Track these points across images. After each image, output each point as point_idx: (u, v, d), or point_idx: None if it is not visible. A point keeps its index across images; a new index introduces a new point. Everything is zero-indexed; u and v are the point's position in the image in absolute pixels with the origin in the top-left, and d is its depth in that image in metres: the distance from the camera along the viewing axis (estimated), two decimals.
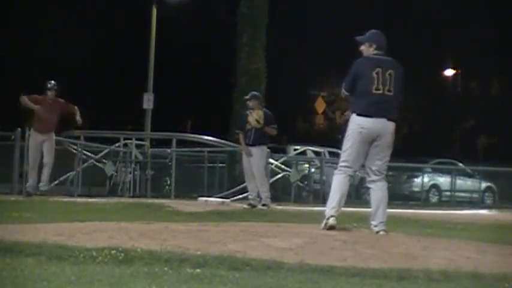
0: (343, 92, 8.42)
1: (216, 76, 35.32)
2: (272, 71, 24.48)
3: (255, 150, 14.95)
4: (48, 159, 16.12)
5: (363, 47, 8.40)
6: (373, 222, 8.15)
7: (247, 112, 15.11)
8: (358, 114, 8.11)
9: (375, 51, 8.30)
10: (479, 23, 41.34)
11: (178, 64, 39.10)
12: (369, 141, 8.11)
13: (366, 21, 43.61)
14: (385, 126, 8.08)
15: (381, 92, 8.06)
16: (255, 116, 14.78)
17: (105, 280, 4.96)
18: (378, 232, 8.02)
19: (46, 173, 16.16)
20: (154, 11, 29.37)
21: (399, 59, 8.47)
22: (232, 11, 25.47)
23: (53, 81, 16.21)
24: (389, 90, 8.08)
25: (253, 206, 14.88)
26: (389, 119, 8.10)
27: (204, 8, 40.75)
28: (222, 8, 37.58)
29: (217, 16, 38.48)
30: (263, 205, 14.92)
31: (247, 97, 15.16)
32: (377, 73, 8.09)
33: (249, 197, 15.36)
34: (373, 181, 8.24)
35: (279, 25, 29.84)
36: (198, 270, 5.43)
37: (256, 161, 15.00)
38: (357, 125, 8.09)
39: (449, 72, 46.99)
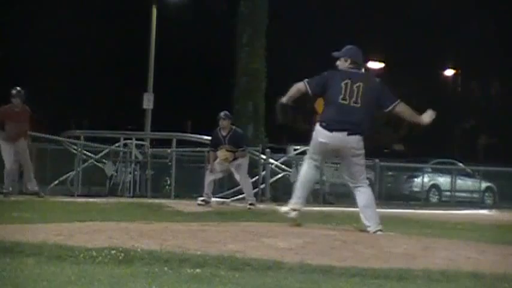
0: (308, 90, 8.42)
1: (216, 76, 35.32)
2: (272, 71, 24.48)
3: (234, 163, 15.24)
4: (23, 161, 15.86)
5: (338, 62, 8.54)
6: (367, 223, 8.20)
7: (218, 133, 15.26)
8: (321, 125, 8.21)
9: (350, 65, 8.42)
10: (479, 23, 41.33)
11: (178, 64, 39.09)
12: (329, 152, 8.40)
13: (366, 21, 43.65)
14: (344, 141, 8.18)
15: (347, 102, 8.18)
16: (222, 157, 15.07)
17: (105, 280, 4.96)
18: (374, 233, 8.06)
19: (27, 174, 15.93)
20: (155, 11, 29.36)
21: (400, 59, 8.51)
22: (232, 11, 25.47)
23: (18, 88, 15.83)
24: (356, 102, 8.18)
25: (207, 202, 15.15)
26: (350, 134, 8.14)
27: (204, 8, 40.73)
28: (222, 8, 37.57)
29: (217, 16, 38.47)
30: (250, 204, 15.04)
31: (222, 115, 15.24)
32: (345, 84, 8.24)
33: (203, 194, 15.42)
34: (353, 187, 8.36)
35: (279, 25, 29.83)
36: (198, 270, 5.43)
37: (238, 170, 15.29)
38: (317, 135, 8.27)
39: (449, 72, 46.97)
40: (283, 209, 8.43)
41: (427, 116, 8.54)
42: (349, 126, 8.14)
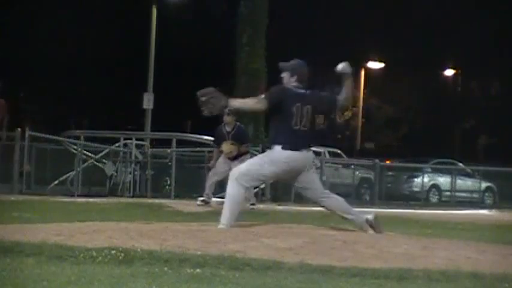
0: (265, 104, 8.17)
1: (216, 76, 35.33)
2: (272, 71, 24.46)
3: (236, 162, 15.05)
4: None
5: (284, 75, 8.35)
6: (362, 217, 8.18)
7: (222, 129, 15.18)
8: (285, 148, 8.11)
9: (295, 83, 8.28)
10: (479, 23, 41.34)
11: (178, 64, 39.09)
12: (294, 172, 8.23)
13: (366, 22, 43.56)
14: (309, 158, 8.26)
15: (298, 127, 8.16)
16: (226, 150, 14.97)
17: (105, 280, 4.96)
18: (374, 220, 8.08)
19: None
20: (155, 11, 29.38)
21: (400, 59, 8.49)
22: (232, 11, 25.48)
23: None
24: (304, 126, 8.19)
25: (207, 203, 15.06)
26: (308, 150, 8.27)
27: (204, 8, 40.75)
28: (222, 8, 37.60)
29: (217, 16, 38.50)
30: (251, 204, 15.02)
31: (226, 111, 15.16)
32: (296, 108, 8.17)
33: (204, 195, 15.35)
34: (319, 197, 8.37)
35: (279, 25, 29.84)
36: (198, 270, 5.43)
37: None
38: (284, 157, 8.10)
39: (449, 72, 46.99)
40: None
41: (344, 69, 8.35)
42: (306, 146, 8.23)
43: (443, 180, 27.54)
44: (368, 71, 41.08)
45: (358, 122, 41.91)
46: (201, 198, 15.33)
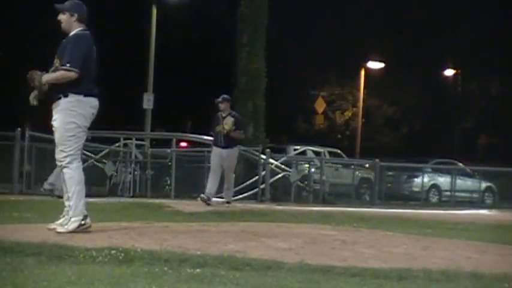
0: (74, 72, 7.66)
1: (216, 76, 35.35)
2: (272, 71, 24.47)
3: (229, 152, 15.09)
4: None
5: (63, 17, 7.87)
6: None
7: (218, 114, 15.25)
8: (87, 95, 7.64)
9: (77, 23, 7.85)
10: (479, 23, 41.34)
11: (178, 64, 39.08)
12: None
13: (366, 22, 43.50)
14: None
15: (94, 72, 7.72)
16: (225, 127, 15.03)
17: (105, 280, 4.97)
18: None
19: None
20: (154, 11, 29.37)
21: (400, 59, 8.47)
22: (232, 11, 25.46)
23: None
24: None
25: (208, 199, 14.96)
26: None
27: (204, 8, 40.74)
28: (222, 8, 37.58)
29: (217, 16, 38.47)
30: (227, 203, 15.17)
31: (219, 100, 15.30)
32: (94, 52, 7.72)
33: (206, 191, 15.27)
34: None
35: (279, 25, 29.83)
36: (198, 270, 5.43)
37: (228, 162, 15.13)
38: (89, 106, 7.65)
39: (449, 72, 46.99)
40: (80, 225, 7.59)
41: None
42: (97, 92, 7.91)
43: (443, 180, 27.53)
44: (368, 71, 41.08)
45: (358, 122, 41.91)
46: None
